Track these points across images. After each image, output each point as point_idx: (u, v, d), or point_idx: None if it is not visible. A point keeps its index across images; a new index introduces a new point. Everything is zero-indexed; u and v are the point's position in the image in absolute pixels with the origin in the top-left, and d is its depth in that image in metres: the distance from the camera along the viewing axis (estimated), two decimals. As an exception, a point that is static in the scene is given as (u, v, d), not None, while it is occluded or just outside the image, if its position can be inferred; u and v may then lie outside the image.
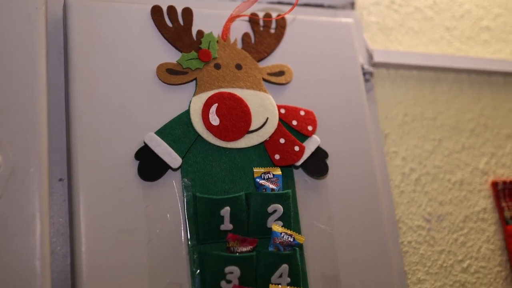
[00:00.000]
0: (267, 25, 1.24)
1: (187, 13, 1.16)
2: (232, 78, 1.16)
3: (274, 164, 1.14)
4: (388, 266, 1.21)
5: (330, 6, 1.43)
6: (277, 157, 1.14)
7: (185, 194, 1.07)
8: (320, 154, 1.19)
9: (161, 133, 1.07)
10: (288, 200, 1.10)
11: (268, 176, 1.11)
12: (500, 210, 1.45)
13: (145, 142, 1.06)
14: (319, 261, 1.14)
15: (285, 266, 1.06)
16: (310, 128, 1.19)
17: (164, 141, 1.07)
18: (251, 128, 1.13)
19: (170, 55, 1.14)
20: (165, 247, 1.03)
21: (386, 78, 1.46)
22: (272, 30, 1.25)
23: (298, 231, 1.12)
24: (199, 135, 1.10)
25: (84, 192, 1.01)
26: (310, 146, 1.18)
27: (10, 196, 0.93)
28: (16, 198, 0.93)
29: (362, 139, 1.27)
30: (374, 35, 1.49)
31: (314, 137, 1.19)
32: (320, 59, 1.28)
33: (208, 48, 1.15)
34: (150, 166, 1.05)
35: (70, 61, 1.07)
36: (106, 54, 1.09)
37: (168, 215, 1.05)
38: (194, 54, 1.14)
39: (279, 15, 1.25)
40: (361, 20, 1.47)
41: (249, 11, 1.21)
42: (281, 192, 1.09)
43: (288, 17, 1.27)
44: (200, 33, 1.17)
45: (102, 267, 0.98)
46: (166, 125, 1.09)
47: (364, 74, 1.35)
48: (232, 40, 1.20)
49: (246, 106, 1.14)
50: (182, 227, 1.05)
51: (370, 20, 1.50)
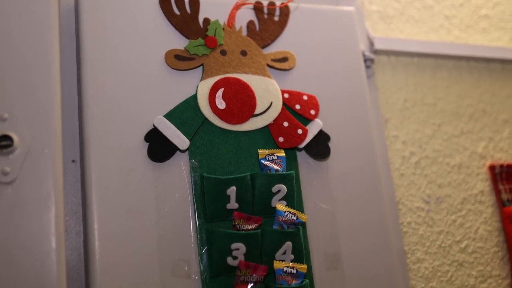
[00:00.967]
0: (271, 13, 1.28)
1: (194, 1, 1.21)
2: (237, 64, 1.20)
3: (278, 146, 1.18)
4: (388, 245, 1.25)
5: (333, -5, 1.47)
6: (281, 139, 1.18)
7: (192, 175, 1.11)
8: (322, 137, 1.23)
9: (169, 116, 1.12)
10: (291, 180, 1.14)
11: (272, 157, 1.15)
12: (497, 192, 1.49)
13: (154, 125, 1.10)
14: (321, 239, 1.19)
15: (288, 244, 1.10)
16: (312, 112, 1.23)
17: (172, 124, 1.11)
18: (256, 112, 1.18)
19: (178, 42, 1.19)
20: (173, 225, 1.08)
21: (387, 65, 1.50)
22: (276, 18, 1.29)
23: (301, 210, 1.17)
24: (206, 119, 1.14)
25: (96, 173, 1.06)
26: (312, 129, 1.22)
27: (26, 176, 0.97)
28: (32, 178, 0.97)
29: (363, 123, 1.31)
30: (375, 24, 1.53)
31: (317, 120, 1.23)
32: (322, 46, 1.33)
33: (214, 35, 1.20)
34: (159, 148, 1.10)
35: (82, 48, 1.12)
36: (116, 41, 1.14)
37: (176, 195, 1.09)
38: (201, 41, 1.19)
39: (283, 3, 1.29)
40: (362, 8, 1.51)
41: (253, 0, 1.26)
42: (285, 172, 1.14)
43: (291, 5, 1.31)
44: (206, 20, 1.21)
45: (113, 245, 1.03)
46: (174, 108, 1.13)
47: (365, 60, 1.39)
48: (237, 27, 1.24)
49: (251, 90, 1.18)
50: (190, 206, 1.10)
51: (371, 8, 1.54)
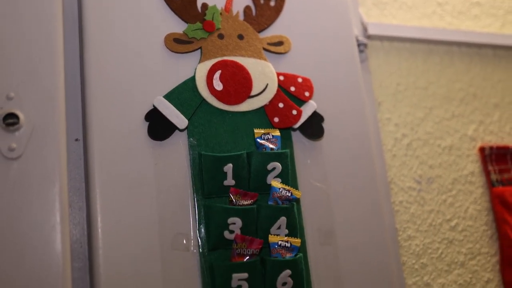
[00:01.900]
0: (267, -2, 1.33)
1: (193, -14, 1.25)
2: (234, 47, 1.25)
3: (273, 126, 1.22)
4: (380, 223, 1.30)
5: (327, -18, 1.51)
6: (276, 120, 1.23)
7: (191, 153, 1.16)
8: (316, 118, 1.28)
9: (169, 97, 1.16)
10: (286, 158, 1.19)
11: (267, 137, 1.20)
12: (487, 173, 1.54)
13: (154, 105, 1.15)
14: (316, 216, 1.23)
15: (283, 219, 1.15)
16: (307, 94, 1.28)
17: (171, 104, 1.15)
18: (252, 93, 1.22)
19: (177, 26, 1.23)
20: (172, 201, 1.12)
21: (380, 50, 1.54)
22: (272, 3, 1.33)
23: (296, 188, 1.21)
24: (204, 99, 1.19)
25: (98, 151, 1.10)
26: (307, 111, 1.26)
27: (31, 152, 1.01)
28: (37, 154, 1.02)
29: (357, 106, 1.35)
30: (369, 9, 1.57)
31: (311, 102, 1.28)
32: (317, 31, 1.37)
33: (212, 19, 1.24)
34: (159, 127, 1.14)
35: (85, 31, 1.16)
36: (118, 25, 1.18)
37: (175, 172, 1.14)
38: (199, 25, 1.23)
39: (279, -11, 1.33)
40: (356, -5, 1.55)
41: (250, -15, 1.30)
42: (279, 151, 1.18)
43: (287, -9, 1.35)
44: (204, 5, 1.25)
45: (115, 219, 1.07)
46: (173, 89, 1.17)
47: (358, 45, 1.44)
48: (234, 12, 1.28)
49: (247, 73, 1.23)
50: (188, 183, 1.14)
51: (365, -5, 1.59)
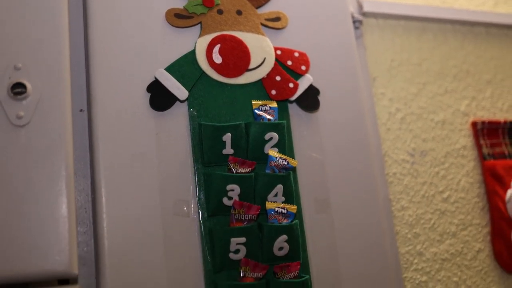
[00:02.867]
0: (265, -25, 1.36)
1: (193, -37, 1.29)
2: (233, 23, 1.29)
3: (270, 98, 1.27)
4: (374, 193, 1.34)
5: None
6: (273, 92, 1.27)
7: (191, 123, 1.20)
8: (312, 91, 1.32)
9: (170, 69, 1.20)
10: (283, 129, 1.23)
11: (265, 108, 1.24)
12: (478, 147, 1.58)
13: (155, 77, 1.19)
14: (311, 185, 1.28)
15: (280, 186, 1.19)
16: (303, 67, 1.32)
17: (172, 76, 1.20)
18: (250, 66, 1.26)
19: (178, 2, 1.27)
20: (173, 169, 1.17)
21: (375, 26, 1.58)
22: (269, -20, 1.37)
23: (292, 158, 1.25)
24: (204, 72, 1.23)
25: (102, 121, 1.14)
26: (303, 84, 1.31)
27: (38, 120, 1.05)
28: (43, 122, 1.05)
29: (352, 80, 1.39)
30: (365, -12, 1.61)
31: (307, 75, 1.32)
32: (313, 7, 1.41)
33: (211, -5, 1.28)
34: (160, 98, 1.18)
35: (89, 6, 1.20)
36: (121, 1, 1.22)
37: (176, 141, 1.18)
38: (199, 0, 1.27)
39: (276, -34, 1.37)
40: (352, -28, 1.59)
41: (248, -38, 1.34)
42: (277, 121, 1.23)
43: (284, -32, 1.39)
44: (204, -19, 1.29)
45: (118, 185, 1.12)
46: (174, 62, 1.22)
47: (354, 22, 1.48)
48: (233, -12, 1.32)
49: (245, 47, 1.27)
50: (189, 152, 1.19)
51: (361, -27, 1.62)
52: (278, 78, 1.28)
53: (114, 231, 1.09)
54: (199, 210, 1.16)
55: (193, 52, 1.23)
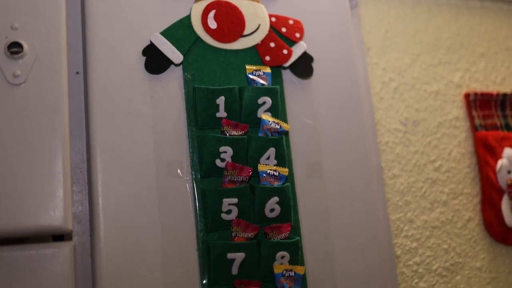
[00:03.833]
0: None
1: None
2: (228, -11, 1.30)
3: (264, 64, 1.28)
4: (366, 161, 1.36)
5: None
6: (267, 58, 1.29)
7: (185, 87, 1.22)
8: (306, 58, 1.34)
9: (165, 34, 1.22)
10: (276, 94, 1.25)
11: (259, 73, 1.26)
12: (471, 118, 1.60)
13: (151, 41, 1.21)
14: (304, 150, 1.30)
15: (272, 149, 1.21)
16: (297, 35, 1.33)
17: (168, 40, 1.21)
18: (245, 32, 1.28)
19: (174, -32, 1.28)
20: (167, 131, 1.19)
21: (370, -3, 1.60)
22: (265, -52, 1.38)
23: (285, 123, 1.27)
24: (199, 37, 1.24)
25: (97, 83, 1.16)
26: (297, 51, 1.32)
27: (34, 80, 1.07)
28: (39, 82, 1.07)
29: (346, 49, 1.41)
30: (361, -41, 1.62)
31: (301, 43, 1.33)
32: (309, -24, 1.42)
33: (207, -38, 1.30)
34: (155, 61, 1.20)
35: (85, -30, 1.22)
36: (116, -36, 1.24)
37: (170, 104, 1.20)
38: (195, -34, 1.28)
39: None
40: None
41: None
42: (270, 86, 1.25)
43: None
44: None
45: (113, 147, 1.14)
46: (169, 27, 1.23)
47: (349, -8, 1.49)
48: (229, -44, 1.34)
49: (240, 13, 1.28)
50: (183, 115, 1.20)
51: None
52: (272, 44, 1.30)
53: (109, 191, 1.12)
54: (192, 171, 1.18)
55: (188, 17, 1.25)
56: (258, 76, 1.25)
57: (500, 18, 1.74)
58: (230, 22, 1.27)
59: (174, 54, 1.21)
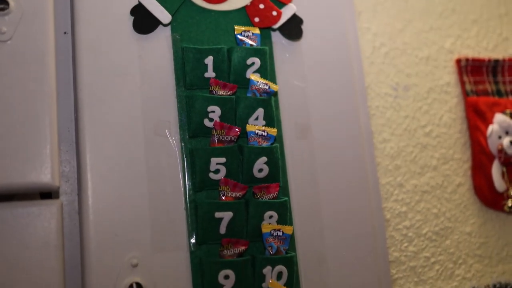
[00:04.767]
0: None
1: None
2: (217, -50, 1.29)
3: (253, 25, 1.28)
4: (356, 124, 1.36)
5: None
6: (256, 19, 1.28)
7: (174, 47, 1.21)
8: (296, 20, 1.33)
9: (153, -7, 1.21)
10: (265, 55, 1.24)
11: (247, 34, 1.25)
12: (462, 83, 1.60)
13: (139, 1, 1.20)
14: (292, 111, 1.30)
15: (260, 110, 1.21)
16: (287, -4, 1.33)
17: (156, 0, 1.21)
18: (234, -7, 1.28)
19: None
20: (155, 91, 1.18)
21: (362, -39, 1.59)
22: None
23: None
24: (187, -3, 1.24)
25: (85, 43, 1.16)
26: (286, 12, 1.32)
27: (21, 36, 1.07)
28: (26, 39, 1.07)
29: (336, 12, 1.40)
30: None
31: (291, 5, 1.33)
32: None
33: None
34: (143, 21, 1.19)
35: None
36: None
37: (158, 64, 1.20)
38: None
39: None
40: None
41: None
42: (259, 47, 1.24)
43: None
44: None
45: (100, 106, 1.13)
46: (158, -13, 1.23)
47: (340, -45, 1.48)
48: None
49: (229, -26, 1.28)
50: (171, 76, 1.20)
51: None
52: (261, 6, 1.29)
53: (96, 150, 1.11)
54: (180, 131, 1.18)
55: (177, -23, 1.24)
56: (247, 37, 1.25)
57: (492, -16, 1.74)
58: (219, -17, 1.26)
59: (163, 14, 1.20)
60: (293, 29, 1.32)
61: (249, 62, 1.23)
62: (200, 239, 1.13)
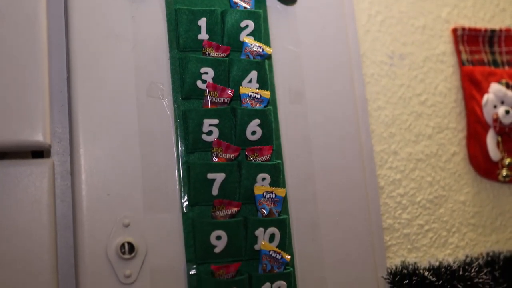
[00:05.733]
0: None
1: None
2: None
3: (247, -11, 1.27)
4: (350, 91, 1.36)
5: None
6: (250, -17, 1.27)
7: (167, 9, 1.20)
8: (290, -16, 1.33)
9: (146, -45, 1.20)
10: (259, 18, 1.24)
11: (241, -3, 1.25)
12: (458, 53, 1.59)
13: (132, -38, 1.19)
14: (287, 77, 1.29)
15: (254, 73, 1.21)
16: (282, -40, 1.32)
17: (149, -39, 1.20)
18: (228, -44, 1.26)
19: None
20: (148, 53, 1.18)
21: None
22: None
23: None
24: (181, -42, 1.23)
25: (78, 3, 1.15)
26: (281, -24, 1.31)
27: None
28: (16, 0, 1.06)
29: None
30: None
31: (285, -32, 1.32)
32: None
33: None
34: (136, -18, 1.19)
35: None
36: None
37: (151, 26, 1.19)
38: None
39: None
40: None
41: None
42: (253, 10, 1.23)
43: None
44: None
45: (93, 67, 1.13)
46: None
47: None
48: None
49: None
50: (164, 37, 1.19)
51: None
52: (256, -31, 1.28)
53: (89, 110, 1.11)
54: (173, 93, 1.17)
55: None
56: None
57: (490, -46, 1.73)
58: None
59: (156, -25, 1.20)
60: (288, -7, 1.32)
61: (242, 24, 1.22)
62: (192, 200, 1.13)
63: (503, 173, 1.53)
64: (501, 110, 1.53)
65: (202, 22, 1.19)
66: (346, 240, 1.28)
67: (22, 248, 1.01)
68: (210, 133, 1.15)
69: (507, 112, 1.53)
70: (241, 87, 1.19)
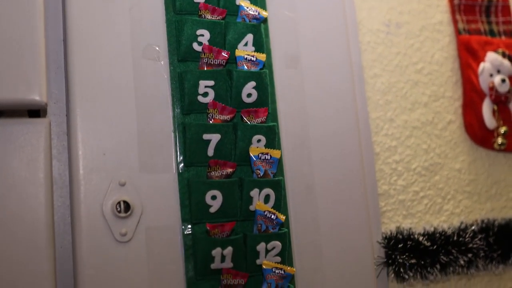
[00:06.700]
0: None
1: None
2: None
3: (244, -47, 1.27)
4: (346, 58, 1.36)
5: None
6: None
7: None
8: (287, -50, 1.33)
9: None
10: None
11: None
12: (454, 22, 1.59)
13: None
14: (282, 41, 1.30)
15: (250, 36, 1.21)
16: None
17: None
18: None
19: None
20: (144, 15, 1.18)
21: None
22: None
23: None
24: None
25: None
26: None
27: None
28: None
29: None
30: None
31: None
32: None
33: None
34: None
35: None
36: None
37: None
38: None
39: None
40: None
41: None
42: (247, -30, 1.24)
43: None
44: None
45: (89, 29, 1.13)
46: None
47: None
48: None
49: None
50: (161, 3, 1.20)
51: None
52: None
53: (85, 71, 1.12)
54: (169, 55, 1.18)
55: None
56: (237, -41, 1.25)
57: None
58: None
59: None
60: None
61: (238, -16, 1.23)
62: (187, 161, 1.14)
63: (499, 141, 1.54)
64: (497, 79, 1.54)
65: (197, -13, 1.20)
66: (341, 204, 1.29)
67: (19, 206, 1.01)
68: (205, 94, 1.16)
69: (503, 80, 1.54)
70: (237, 50, 1.20)
